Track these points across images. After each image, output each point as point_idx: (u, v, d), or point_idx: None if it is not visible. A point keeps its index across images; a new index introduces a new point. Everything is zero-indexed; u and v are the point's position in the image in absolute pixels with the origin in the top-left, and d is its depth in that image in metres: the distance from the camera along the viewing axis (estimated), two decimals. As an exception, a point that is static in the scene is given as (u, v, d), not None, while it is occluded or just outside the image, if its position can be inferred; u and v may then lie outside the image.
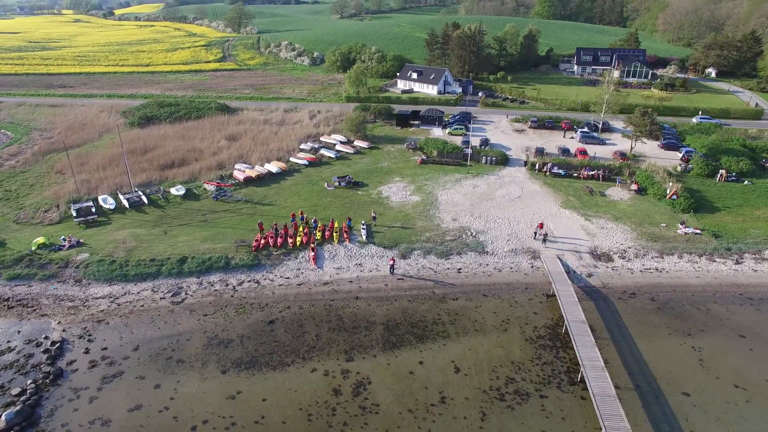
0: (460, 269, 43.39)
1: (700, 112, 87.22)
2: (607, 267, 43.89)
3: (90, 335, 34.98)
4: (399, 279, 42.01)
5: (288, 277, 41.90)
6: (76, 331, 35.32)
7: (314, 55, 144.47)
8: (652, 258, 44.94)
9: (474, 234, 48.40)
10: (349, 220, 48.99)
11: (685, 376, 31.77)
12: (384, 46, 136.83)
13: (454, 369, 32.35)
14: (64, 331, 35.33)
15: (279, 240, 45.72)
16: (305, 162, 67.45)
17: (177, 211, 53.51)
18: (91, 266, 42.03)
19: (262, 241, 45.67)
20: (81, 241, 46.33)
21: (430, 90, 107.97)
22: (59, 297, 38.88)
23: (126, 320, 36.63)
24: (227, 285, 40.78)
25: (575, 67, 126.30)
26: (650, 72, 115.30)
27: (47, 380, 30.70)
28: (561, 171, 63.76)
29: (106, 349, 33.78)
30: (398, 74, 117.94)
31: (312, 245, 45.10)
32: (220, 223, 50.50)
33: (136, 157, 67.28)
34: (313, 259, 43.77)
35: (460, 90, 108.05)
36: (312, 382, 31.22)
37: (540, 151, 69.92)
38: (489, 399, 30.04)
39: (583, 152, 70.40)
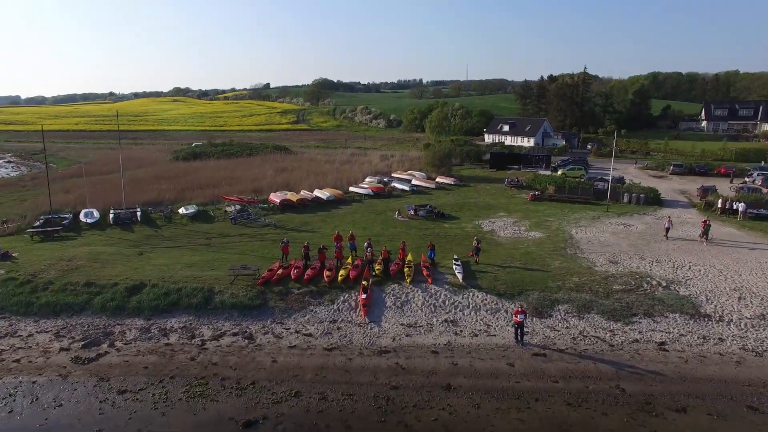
0: (663, 343, 20.78)
1: None
2: None
3: None
4: (536, 354, 20.15)
5: (309, 334, 21.54)
6: None
7: (390, 118, 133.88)
8: None
9: (665, 284, 25.89)
10: (432, 249, 28.65)
11: None
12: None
13: None
14: None
15: (309, 271, 26.24)
16: (369, 191, 49.36)
17: (175, 232, 36.43)
18: (-14, 288, 24.70)
19: (280, 271, 26.41)
20: (12, 254, 29.95)
21: (526, 143, 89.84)
22: None
23: (-35, 388, 17.83)
24: (192, 337, 21.15)
25: (704, 123, 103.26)
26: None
27: None
28: (757, 211, 40.46)
29: None
30: (485, 129, 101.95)
31: (364, 282, 24.98)
32: (228, 248, 32.34)
33: (158, 181, 53.30)
34: (364, 305, 23.42)
35: (564, 142, 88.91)
36: None
37: (707, 190, 47.39)
38: None
39: (786, 192, 46.67)
